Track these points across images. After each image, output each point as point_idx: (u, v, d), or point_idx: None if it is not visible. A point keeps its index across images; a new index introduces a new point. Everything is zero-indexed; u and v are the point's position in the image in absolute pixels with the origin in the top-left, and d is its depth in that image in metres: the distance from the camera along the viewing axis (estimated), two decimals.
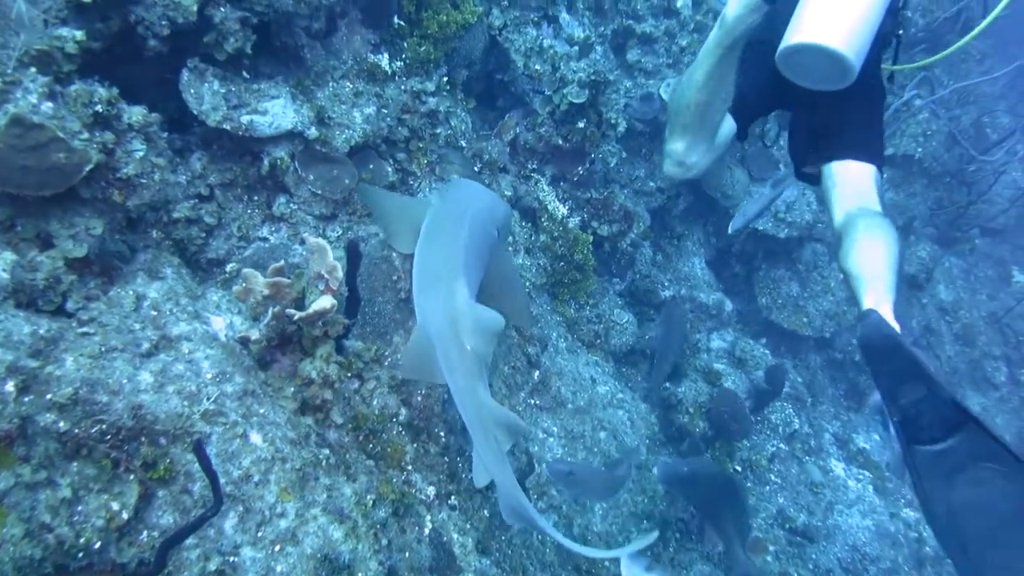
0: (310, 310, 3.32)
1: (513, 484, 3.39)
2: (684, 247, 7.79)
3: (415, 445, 4.10)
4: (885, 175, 8.54)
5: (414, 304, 3.81)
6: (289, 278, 3.51)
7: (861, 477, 7.81)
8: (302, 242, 4.23)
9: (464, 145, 5.62)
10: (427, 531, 3.67)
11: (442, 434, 4.36)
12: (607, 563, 4.96)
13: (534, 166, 5.92)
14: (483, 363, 3.48)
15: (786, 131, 3.91)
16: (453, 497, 4.24)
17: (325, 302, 3.35)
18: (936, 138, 8.31)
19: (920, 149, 8.28)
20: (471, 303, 3.54)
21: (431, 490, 4.00)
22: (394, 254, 4.45)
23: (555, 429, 5.12)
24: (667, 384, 6.67)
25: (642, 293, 7.11)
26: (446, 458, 4.34)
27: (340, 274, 3.43)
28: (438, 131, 5.14)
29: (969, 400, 9.38)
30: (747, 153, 7.61)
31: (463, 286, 3.56)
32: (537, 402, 5.12)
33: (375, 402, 4.00)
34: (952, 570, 7.08)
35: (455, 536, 3.85)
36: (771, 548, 6.14)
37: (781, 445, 7.36)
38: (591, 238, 5.91)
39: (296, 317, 3.31)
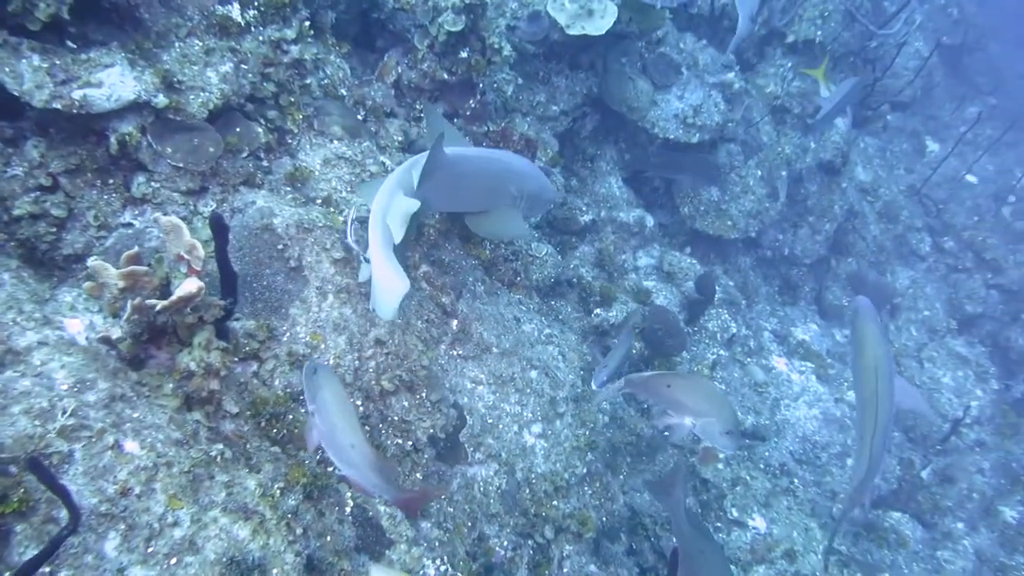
0: (173, 297, 2.99)
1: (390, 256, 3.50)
2: (598, 168, 7.56)
3: None
4: (790, 64, 8.37)
5: None
6: (149, 265, 3.17)
7: (803, 369, 7.86)
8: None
9: (345, 93, 5.23)
10: (349, 509, 3.45)
11: (359, 403, 4.12)
12: (558, 504, 4.83)
13: (423, 105, 5.56)
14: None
15: None
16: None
17: (190, 286, 3.02)
18: (834, 18, 8.16)
19: (820, 32, 8.12)
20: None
21: None
22: (275, 221, 4.12)
23: (483, 376, 4.91)
24: (598, 310, 6.52)
25: (560, 221, 6.90)
26: (366, 427, 4.10)
27: (202, 253, 3.10)
28: (308, 82, 4.75)
29: (898, 274, 9.52)
30: (647, 61, 7.34)
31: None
32: (459, 352, 4.89)
33: (276, 382, 3.73)
34: (900, 441, 7.13)
35: (382, 508, 3.63)
36: (721, 456, 6.13)
37: (721, 352, 7.32)
38: None
39: (159, 307, 2.98)
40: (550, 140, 6.81)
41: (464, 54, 5.31)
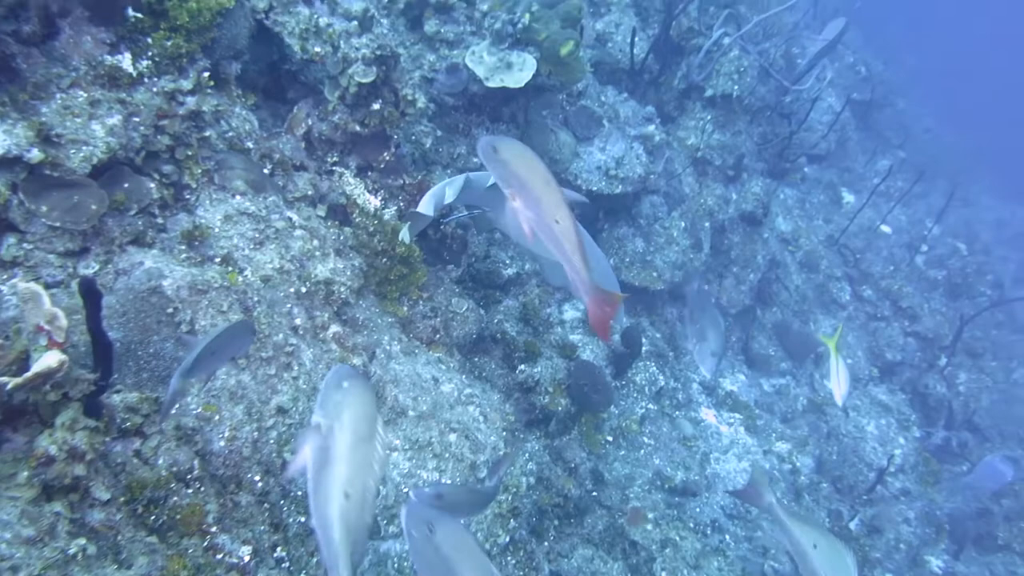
0: (29, 373, 2.67)
1: None
2: None
3: (220, 501, 3.52)
4: (709, 116, 8.51)
5: None
6: (7, 337, 2.84)
7: (732, 420, 7.80)
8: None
9: (251, 146, 4.99)
10: None
11: (257, 479, 3.80)
12: None
13: (335, 158, 5.36)
14: None
15: None
16: (279, 549, 3.71)
17: (50, 360, 2.71)
18: (749, 73, 8.35)
19: (737, 87, 8.29)
20: None
21: (245, 550, 3.44)
22: (165, 282, 3.82)
23: (398, 442, 4.64)
24: (523, 367, 6.33)
25: (484, 275, 6.72)
26: (266, 505, 3.79)
27: (64, 323, 2.79)
28: (208, 134, 4.49)
29: (821, 323, 9.65)
30: (569, 113, 7.33)
31: None
32: None
33: (161, 460, 3.40)
34: (828, 492, 7.10)
35: None
36: (650, 516, 5.94)
37: (650, 405, 7.20)
38: None
39: (11, 385, 2.65)
40: None
41: (377, 106, 5.15)
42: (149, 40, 4.29)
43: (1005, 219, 14.68)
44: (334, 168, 5.34)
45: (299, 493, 3.93)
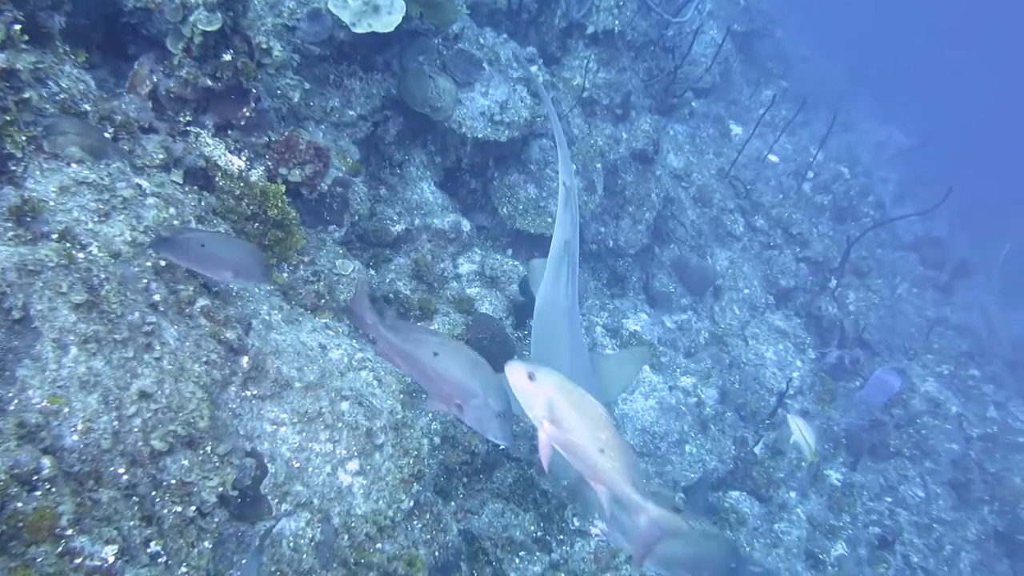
0: None
1: None
2: (408, 174, 7.14)
3: (77, 500, 3.17)
4: (592, 55, 8.33)
5: None
6: None
7: None
8: None
9: (89, 109, 4.49)
10: None
11: (122, 471, 3.46)
12: (382, 546, 4.37)
13: (188, 117, 4.89)
14: None
15: None
16: (153, 543, 3.40)
17: None
18: (629, 7, 8.21)
19: (617, 22, 8.13)
20: None
21: (109, 550, 3.12)
22: None
23: (285, 416, 4.35)
24: (419, 325, 6.10)
25: (371, 234, 6.42)
26: (134, 498, 3.45)
27: None
28: (28, 96, 3.98)
29: (718, 256, 9.78)
30: (446, 58, 7.01)
31: None
32: (254, 392, 4.30)
33: (0, 464, 3.02)
34: (732, 421, 7.21)
35: None
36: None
37: None
38: (283, 188, 5.06)
39: None
40: (349, 147, 6.31)
41: (228, 57, 4.70)
42: None
43: (883, 141, 15.28)
44: (188, 128, 4.88)
45: (172, 482, 3.62)
